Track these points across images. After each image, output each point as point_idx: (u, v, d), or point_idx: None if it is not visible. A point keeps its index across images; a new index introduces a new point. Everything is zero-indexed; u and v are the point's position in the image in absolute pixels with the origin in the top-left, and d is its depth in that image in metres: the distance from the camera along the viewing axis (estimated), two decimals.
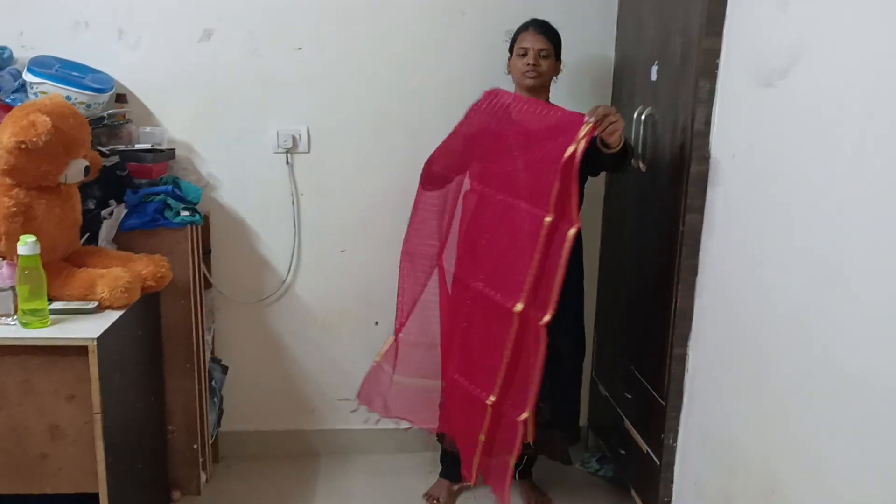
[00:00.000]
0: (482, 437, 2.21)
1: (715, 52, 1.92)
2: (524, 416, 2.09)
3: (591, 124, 1.91)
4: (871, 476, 1.34)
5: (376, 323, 2.85)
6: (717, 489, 1.93)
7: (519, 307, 2.03)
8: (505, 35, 2.47)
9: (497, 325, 2.12)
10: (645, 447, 2.30)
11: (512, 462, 2.16)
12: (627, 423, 2.46)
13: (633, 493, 2.46)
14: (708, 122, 1.96)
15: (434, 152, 2.28)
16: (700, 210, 2.00)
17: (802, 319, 1.56)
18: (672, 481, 2.17)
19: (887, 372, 1.30)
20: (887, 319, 1.30)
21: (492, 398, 2.15)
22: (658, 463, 2.19)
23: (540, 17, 2.35)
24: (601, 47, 2.71)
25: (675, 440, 2.14)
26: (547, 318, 1.97)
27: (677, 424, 2.13)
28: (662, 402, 2.16)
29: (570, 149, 1.90)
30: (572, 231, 1.93)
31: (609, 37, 2.71)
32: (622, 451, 2.52)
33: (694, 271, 2.03)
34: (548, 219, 1.97)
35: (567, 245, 1.94)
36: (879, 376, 1.31)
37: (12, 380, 1.81)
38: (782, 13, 1.66)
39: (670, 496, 2.18)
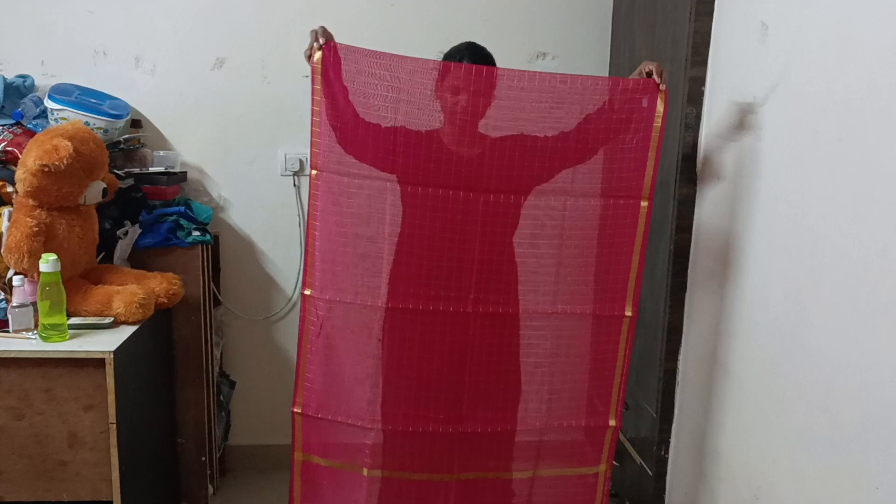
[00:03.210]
0: (603, 468, 2.01)
1: (701, 80, 2.03)
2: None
3: (664, 88, 1.75)
4: (845, 480, 1.42)
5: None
6: (706, 498, 2.00)
7: (629, 311, 1.88)
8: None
9: (579, 337, 1.92)
10: (638, 459, 2.37)
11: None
12: (622, 437, 2.53)
13: None
14: (695, 146, 2.06)
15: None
16: (688, 230, 2.09)
17: (780, 331, 1.65)
18: (664, 492, 2.24)
19: (858, 382, 1.38)
20: (859, 332, 1.38)
21: (612, 421, 1.94)
22: (651, 474, 2.26)
23: (538, 45, 2.35)
24: (596, 73, 2.81)
25: (666, 452, 2.21)
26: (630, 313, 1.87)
27: (669, 436, 2.20)
28: (654, 415, 2.23)
29: (657, 126, 1.76)
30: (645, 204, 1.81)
31: (603, 64, 2.81)
32: (617, 464, 2.58)
33: (683, 288, 2.12)
34: (644, 203, 1.81)
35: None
36: (852, 386, 1.40)
37: (35, 388, 1.91)
38: (762, 45, 1.76)
39: None
